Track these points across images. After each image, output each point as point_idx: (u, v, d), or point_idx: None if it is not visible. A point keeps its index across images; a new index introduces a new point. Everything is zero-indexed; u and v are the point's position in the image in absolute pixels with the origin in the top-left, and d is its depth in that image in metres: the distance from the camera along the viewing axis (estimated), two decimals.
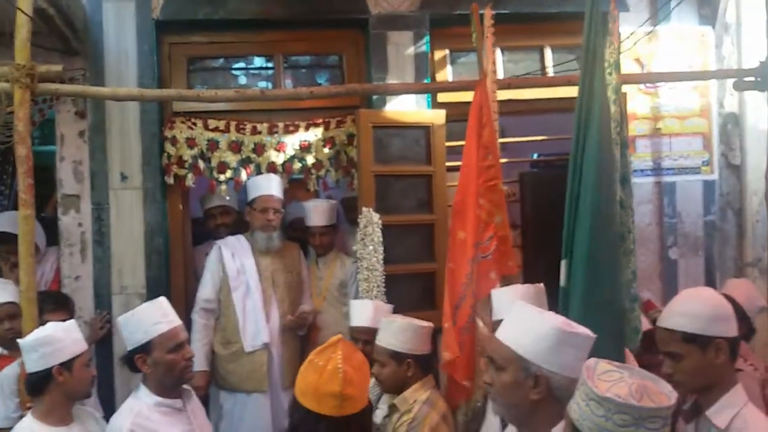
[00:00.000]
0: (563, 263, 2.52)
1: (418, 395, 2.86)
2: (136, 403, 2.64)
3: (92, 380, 2.74)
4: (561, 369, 1.83)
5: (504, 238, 3.17)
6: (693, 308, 2.17)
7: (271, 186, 4.06)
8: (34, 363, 2.64)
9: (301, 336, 4.23)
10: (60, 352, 2.64)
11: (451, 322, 3.00)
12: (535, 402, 1.86)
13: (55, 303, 3.50)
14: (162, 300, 2.77)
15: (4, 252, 3.94)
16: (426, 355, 2.95)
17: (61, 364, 2.63)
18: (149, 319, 2.66)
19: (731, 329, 2.19)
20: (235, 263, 4.04)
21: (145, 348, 2.64)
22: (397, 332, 2.91)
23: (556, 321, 1.89)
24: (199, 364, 3.75)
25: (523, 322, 1.93)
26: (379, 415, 2.96)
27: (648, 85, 4.42)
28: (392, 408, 2.90)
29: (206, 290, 4.02)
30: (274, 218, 4.06)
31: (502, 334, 1.96)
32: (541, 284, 2.85)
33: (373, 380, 2.89)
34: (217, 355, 4.02)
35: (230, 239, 4.18)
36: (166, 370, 2.65)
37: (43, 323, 2.78)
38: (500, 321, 2.70)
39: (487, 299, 2.99)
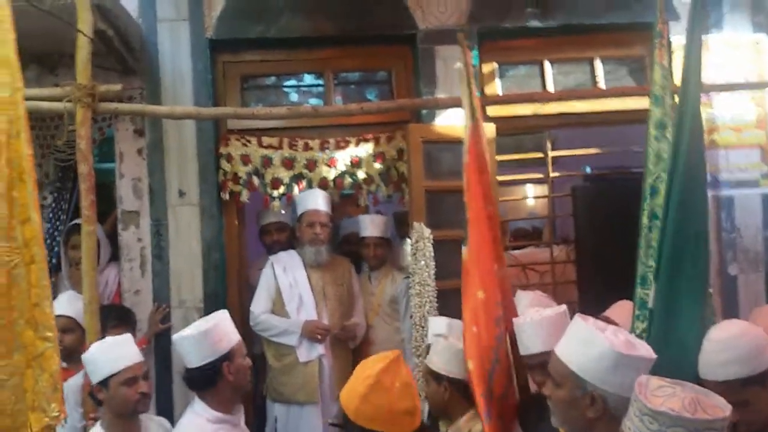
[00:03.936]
0: (653, 285, 2.45)
1: (472, 425, 2.75)
2: (198, 420, 2.66)
3: (139, 398, 2.70)
4: (618, 389, 1.82)
5: (506, 292, 2.96)
6: (739, 352, 2.11)
7: (317, 201, 4.13)
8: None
9: (353, 349, 4.27)
10: (95, 372, 2.69)
11: (487, 391, 2.69)
12: (592, 420, 1.86)
13: (117, 318, 3.57)
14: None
15: (71, 248, 4.04)
16: (464, 381, 2.78)
17: (99, 383, 2.68)
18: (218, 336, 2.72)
19: None
20: (287, 277, 4.14)
21: (226, 357, 2.67)
22: (440, 352, 2.86)
23: (615, 342, 1.86)
24: (296, 325, 4.01)
25: (582, 340, 1.92)
26: None
27: (702, 95, 4.34)
28: None
29: (260, 304, 4.12)
30: (322, 232, 4.14)
31: (560, 351, 1.96)
32: (564, 306, 2.72)
33: None
34: (270, 368, 4.11)
35: (282, 255, 4.29)
36: (241, 380, 2.72)
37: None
38: (532, 355, 2.60)
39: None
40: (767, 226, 4.40)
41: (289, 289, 4.12)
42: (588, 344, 1.89)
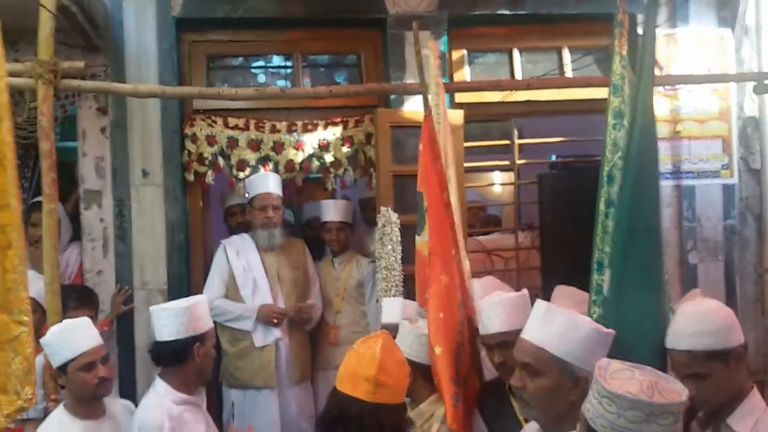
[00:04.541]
0: (607, 273, 2.49)
1: (435, 408, 2.77)
2: (163, 400, 2.67)
3: (98, 383, 2.65)
4: (593, 368, 1.85)
5: (463, 277, 2.96)
6: (708, 325, 2.13)
7: (269, 184, 4.08)
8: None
9: (310, 332, 4.26)
10: (54, 357, 2.65)
11: (455, 375, 2.72)
12: (574, 402, 1.88)
13: (78, 299, 3.52)
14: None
15: (31, 226, 3.95)
16: (429, 365, 2.79)
17: (58, 368, 2.64)
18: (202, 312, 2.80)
19: (741, 334, 2.18)
20: (240, 261, 4.09)
21: (199, 338, 2.72)
22: (404, 336, 2.86)
23: (591, 323, 1.97)
24: (251, 310, 3.96)
25: (561, 325, 1.96)
26: None
27: (667, 87, 4.40)
28: (409, 422, 2.84)
29: (214, 289, 4.04)
30: (274, 215, 4.09)
31: (539, 339, 1.98)
32: (525, 290, 2.75)
33: None
34: (225, 353, 4.05)
35: (234, 238, 4.24)
36: (207, 365, 2.80)
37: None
38: (491, 335, 2.61)
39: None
40: (727, 216, 4.47)
41: (243, 273, 4.06)
42: (571, 327, 1.94)
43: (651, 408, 1.53)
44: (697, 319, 2.17)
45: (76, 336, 2.67)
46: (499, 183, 6.97)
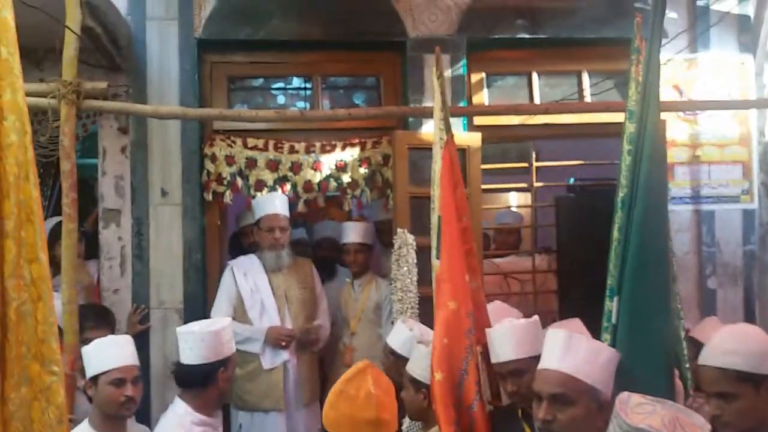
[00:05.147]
0: (615, 300, 2.47)
1: None
2: (182, 421, 2.69)
3: (123, 401, 2.68)
4: (610, 392, 1.91)
5: (480, 304, 2.91)
6: (745, 346, 2.08)
7: (276, 205, 4.06)
8: None
9: (320, 353, 4.24)
10: (89, 367, 2.69)
11: (457, 402, 2.67)
12: (599, 429, 1.88)
13: (95, 319, 3.53)
14: None
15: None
16: None
17: (90, 379, 2.68)
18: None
19: None
20: (248, 282, 4.06)
21: (223, 363, 2.75)
22: (418, 359, 2.82)
23: (610, 348, 2.06)
24: (259, 332, 3.93)
25: (587, 352, 1.99)
26: None
27: (687, 112, 4.39)
28: None
29: (221, 311, 4.00)
30: (281, 236, 4.07)
31: (569, 368, 1.98)
32: (536, 316, 2.70)
33: None
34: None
35: (241, 259, 4.21)
36: (228, 389, 2.88)
37: (84, 341, 2.84)
38: (502, 363, 2.58)
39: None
40: (747, 241, 4.44)
41: (251, 294, 4.03)
42: (595, 353, 1.99)
43: None
44: (735, 339, 2.13)
45: (113, 351, 2.72)
46: (515, 205, 6.94)
